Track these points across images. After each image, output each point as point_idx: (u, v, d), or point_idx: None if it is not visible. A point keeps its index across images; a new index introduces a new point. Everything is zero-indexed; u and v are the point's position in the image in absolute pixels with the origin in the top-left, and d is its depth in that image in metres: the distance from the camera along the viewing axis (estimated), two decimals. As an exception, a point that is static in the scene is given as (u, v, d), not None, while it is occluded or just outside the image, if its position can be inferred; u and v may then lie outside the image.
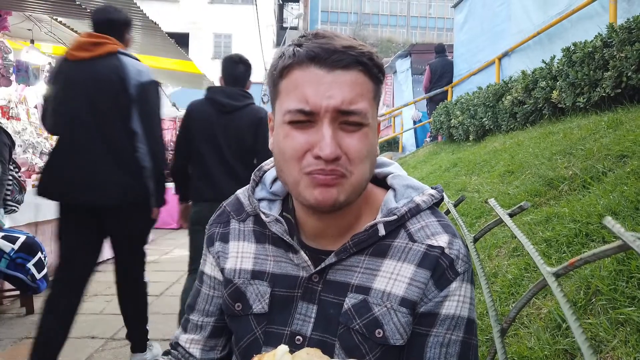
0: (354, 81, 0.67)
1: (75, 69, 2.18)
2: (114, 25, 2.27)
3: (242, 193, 0.88)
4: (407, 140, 10.55)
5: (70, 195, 2.18)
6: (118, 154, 2.17)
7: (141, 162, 2.20)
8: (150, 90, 2.23)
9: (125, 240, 2.34)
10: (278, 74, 0.70)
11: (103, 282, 4.38)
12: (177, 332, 0.91)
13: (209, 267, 0.87)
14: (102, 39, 2.20)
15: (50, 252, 4.16)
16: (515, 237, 2.22)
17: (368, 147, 0.69)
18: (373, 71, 0.69)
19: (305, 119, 0.67)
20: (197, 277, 0.90)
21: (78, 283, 2.23)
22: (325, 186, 0.67)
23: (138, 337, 2.47)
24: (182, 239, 4.69)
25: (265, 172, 0.85)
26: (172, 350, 0.90)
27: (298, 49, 0.68)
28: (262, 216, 0.79)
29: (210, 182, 2.49)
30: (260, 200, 0.82)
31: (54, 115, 2.22)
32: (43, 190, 2.21)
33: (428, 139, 8.59)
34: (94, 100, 2.15)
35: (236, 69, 2.58)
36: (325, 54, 0.66)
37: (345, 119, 0.67)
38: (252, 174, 0.85)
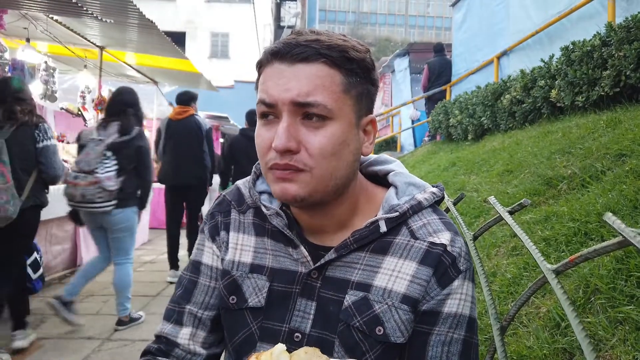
0: (315, 73, 0.65)
1: (176, 124, 4.58)
2: (190, 101, 4.69)
3: (242, 184, 0.87)
4: (406, 139, 10.54)
5: (173, 180, 4.56)
6: (196, 161, 4.56)
7: (206, 165, 4.62)
8: (210, 132, 4.73)
9: (195, 205, 4.74)
10: (257, 75, 0.72)
11: (99, 283, 4.37)
12: (166, 327, 0.83)
13: (208, 257, 0.84)
14: (186, 109, 4.62)
15: (45, 253, 4.12)
16: (514, 236, 2.22)
17: (335, 143, 0.67)
18: (341, 63, 0.67)
19: (269, 112, 0.68)
20: (191, 268, 0.85)
21: (176, 224, 4.71)
22: (282, 180, 0.67)
23: None
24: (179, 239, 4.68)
25: None
26: (161, 350, 0.81)
27: (267, 47, 0.70)
28: (263, 209, 0.78)
29: (243, 176, 4.36)
30: (260, 193, 0.81)
31: (166, 144, 4.57)
32: (160, 179, 4.64)
33: (426, 138, 8.59)
34: (187, 137, 4.54)
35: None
36: (286, 49, 0.66)
37: (305, 112, 0.66)
38: (253, 167, 0.84)
